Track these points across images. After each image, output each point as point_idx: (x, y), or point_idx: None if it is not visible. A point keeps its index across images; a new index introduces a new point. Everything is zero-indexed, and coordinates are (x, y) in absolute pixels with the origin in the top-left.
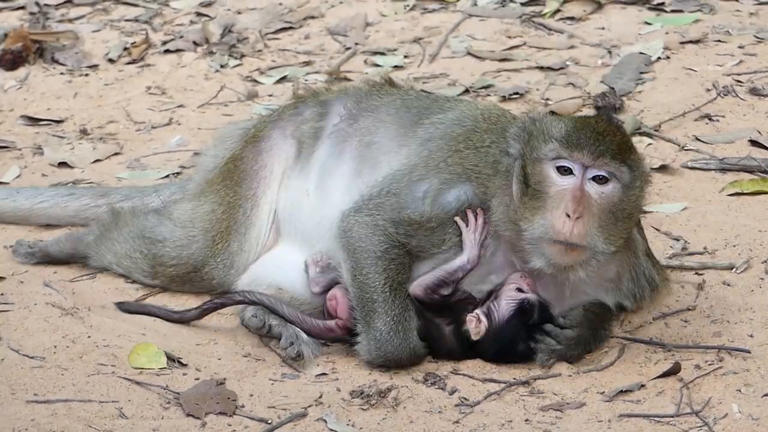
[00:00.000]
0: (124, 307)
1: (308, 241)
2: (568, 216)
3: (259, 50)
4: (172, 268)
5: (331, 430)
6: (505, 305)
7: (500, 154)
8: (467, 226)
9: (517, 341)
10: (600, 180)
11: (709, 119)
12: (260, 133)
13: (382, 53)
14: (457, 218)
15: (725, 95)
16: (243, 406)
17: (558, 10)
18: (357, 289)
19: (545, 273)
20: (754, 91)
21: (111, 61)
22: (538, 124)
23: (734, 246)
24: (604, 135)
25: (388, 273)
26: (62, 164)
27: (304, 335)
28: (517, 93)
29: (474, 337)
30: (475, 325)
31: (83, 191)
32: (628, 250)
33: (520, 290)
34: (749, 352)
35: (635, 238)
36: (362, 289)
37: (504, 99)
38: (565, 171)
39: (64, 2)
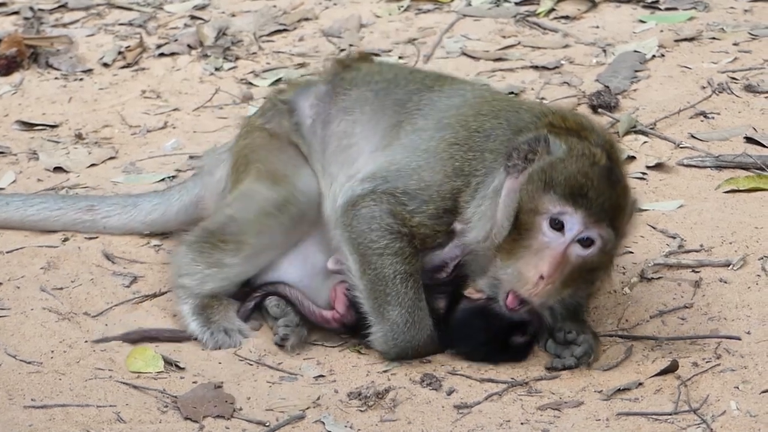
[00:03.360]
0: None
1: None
2: (542, 277)
3: (254, 53)
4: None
5: (329, 431)
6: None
7: (484, 170)
8: None
9: (484, 328)
10: (585, 242)
11: (705, 117)
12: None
13: (376, 54)
14: None
15: (720, 92)
16: (241, 409)
17: (552, 9)
18: (368, 282)
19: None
20: (749, 88)
21: (105, 65)
22: (541, 161)
23: (730, 243)
24: (608, 196)
25: (396, 267)
26: (57, 169)
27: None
28: (512, 92)
29: (467, 293)
30: (476, 291)
31: (71, 204)
32: None
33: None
34: (739, 339)
35: None
36: (374, 282)
37: None
38: (557, 224)
39: (58, 7)
